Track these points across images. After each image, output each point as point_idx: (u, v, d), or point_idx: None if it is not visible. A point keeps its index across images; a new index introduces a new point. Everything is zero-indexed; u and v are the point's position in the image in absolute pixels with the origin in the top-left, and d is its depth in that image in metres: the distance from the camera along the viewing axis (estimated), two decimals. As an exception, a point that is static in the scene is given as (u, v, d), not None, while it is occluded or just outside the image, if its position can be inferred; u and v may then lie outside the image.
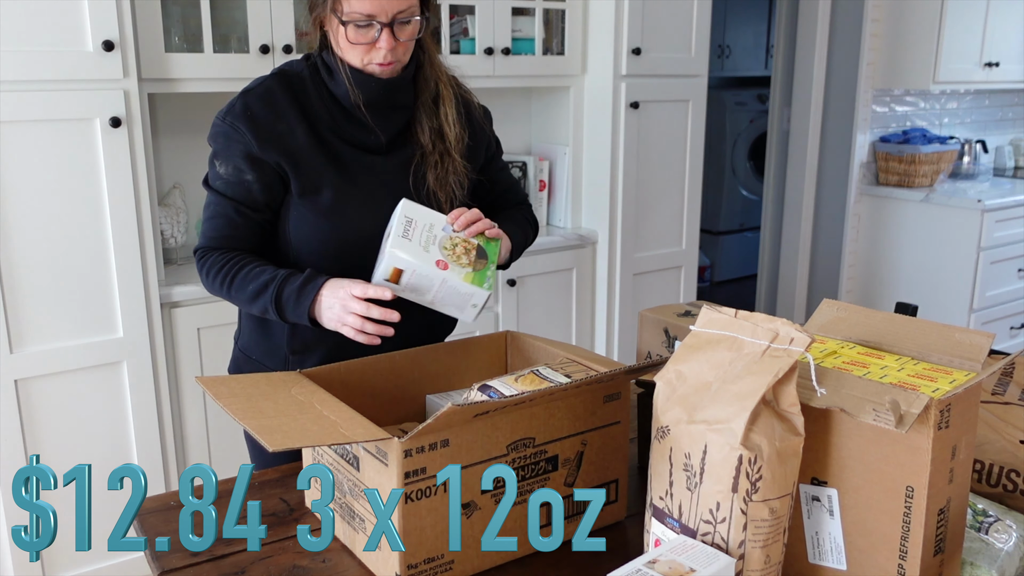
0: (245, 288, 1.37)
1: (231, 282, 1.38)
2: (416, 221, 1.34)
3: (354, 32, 1.34)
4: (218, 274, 1.40)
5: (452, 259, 1.33)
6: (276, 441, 0.94)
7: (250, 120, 1.38)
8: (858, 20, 3.94)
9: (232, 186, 1.40)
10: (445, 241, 1.34)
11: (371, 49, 1.36)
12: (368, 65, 1.38)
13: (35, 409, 2.13)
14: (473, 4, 2.72)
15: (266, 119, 1.39)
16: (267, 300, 1.34)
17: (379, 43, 1.35)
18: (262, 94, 1.41)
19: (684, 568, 0.84)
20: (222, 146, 1.40)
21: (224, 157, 1.40)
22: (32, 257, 2.07)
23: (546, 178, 3.12)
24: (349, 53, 1.38)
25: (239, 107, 1.40)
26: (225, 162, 1.40)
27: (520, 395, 0.99)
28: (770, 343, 0.90)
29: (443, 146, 1.48)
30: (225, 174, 1.40)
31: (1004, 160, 4.62)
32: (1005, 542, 0.99)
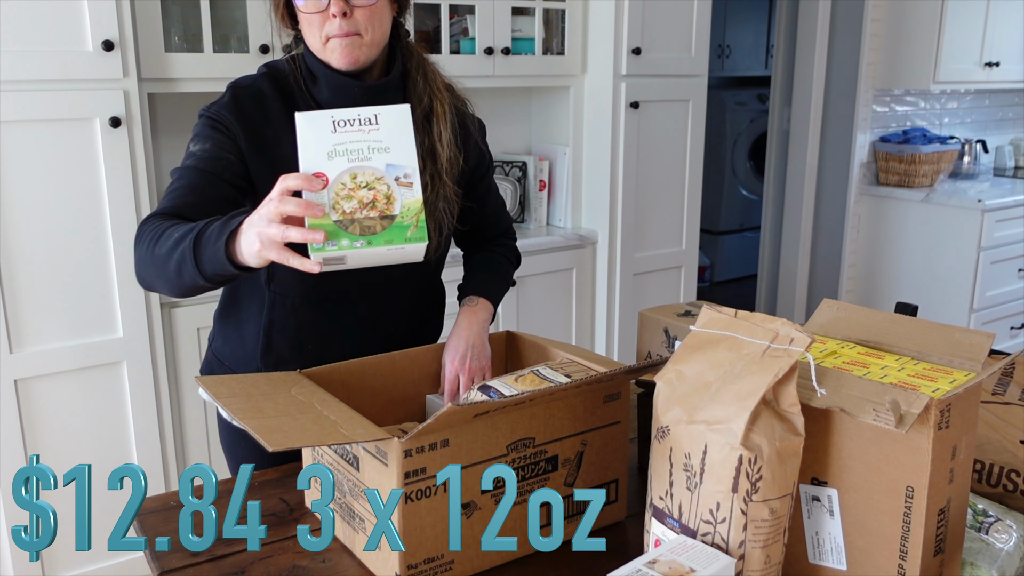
0: (168, 238, 1.13)
1: (157, 238, 1.15)
2: None
3: (303, 1, 1.25)
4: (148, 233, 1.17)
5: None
6: (276, 441, 0.94)
7: (239, 114, 1.30)
8: (858, 20, 3.94)
9: (207, 160, 1.27)
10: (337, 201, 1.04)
11: (326, 19, 1.26)
12: (328, 44, 1.27)
13: (35, 409, 2.13)
14: (473, 4, 2.72)
15: (255, 119, 1.31)
16: (187, 243, 1.09)
17: (330, 8, 1.24)
18: (253, 93, 1.32)
19: (684, 568, 0.84)
20: (203, 128, 1.30)
21: (203, 137, 1.28)
22: (32, 257, 2.07)
23: (546, 178, 3.12)
24: (309, 33, 1.28)
25: (227, 98, 1.31)
26: (203, 141, 1.28)
27: (520, 395, 0.98)
28: (770, 343, 0.90)
29: (434, 168, 1.36)
30: (200, 151, 1.28)
31: (1004, 160, 4.62)
32: (1005, 542, 0.99)
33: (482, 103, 3.15)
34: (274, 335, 1.41)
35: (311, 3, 1.25)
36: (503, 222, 1.62)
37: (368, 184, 1.03)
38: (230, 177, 1.28)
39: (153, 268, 1.15)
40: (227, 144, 1.29)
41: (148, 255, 1.15)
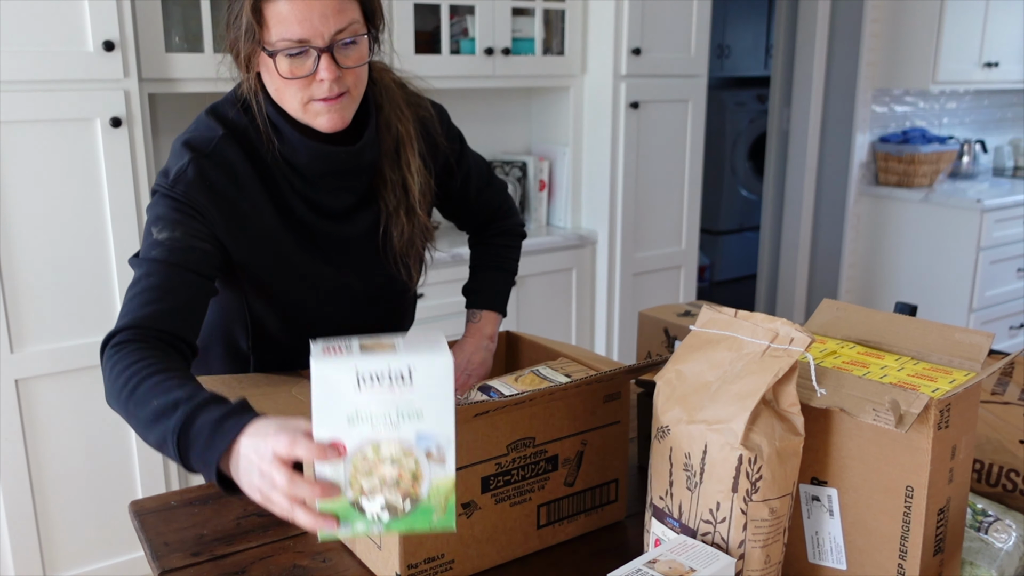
0: (147, 403, 0.96)
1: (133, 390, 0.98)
2: None
3: (287, 63, 1.09)
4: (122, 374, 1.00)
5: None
6: None
7: (210, 193, 1.13)
8: (858, 20, 3.94)
9: (178, 252, 1.09)
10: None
11: (311, 82, 1.10)
12: (310, 104, 1.12)
13: (35, 409, 2.13)
14: (473, 4, 2.72)
15: (228, 195, 1.15)
16: (170, 428, 0.93)
17: (319, 74, 1.09)
18: (219, 162, 1.15)
19: (684, 568, 0.85)
20: (168, 211, 1.12)
21: (170, 222, 1.11)
22: (32, 257, 2.07)
23: (546, 178, 3.12)
24: (286, 93, 1.12)
25: (192, 175, 1.13)
26: (171, 227, 1.11)
27: (520, 395, 0.99)
28: (770, 343, 0.90)
29: (407, 202, 1.27)
30: (169, 239, 1.09)
31: (1003, 160, 4.62)
32: (1005, 542, 0.99)
33: (482, 103, 3.17)
34: None
35: (295, 65, 1.09)
36: (493, 201, 1.50)
37: (393, 458, 0.84)
38: (207, 270, 1.13)
39: (128, 420, 1.00)
40: (199, 230, 1.13)
41: (121, 405, 1.00)
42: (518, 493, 1.07)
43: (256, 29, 1.08)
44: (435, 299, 2.64)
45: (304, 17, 1.06)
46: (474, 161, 1.45)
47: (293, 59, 1.09)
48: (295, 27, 1.06)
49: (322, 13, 1.07)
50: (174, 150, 1.16)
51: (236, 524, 1.16)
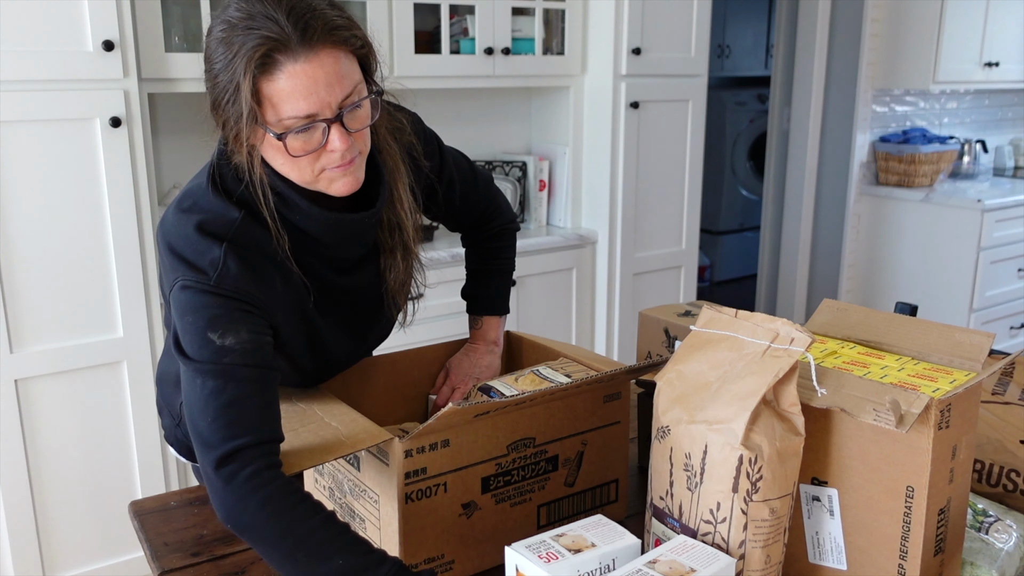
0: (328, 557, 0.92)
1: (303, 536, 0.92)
2: None
3: (296, 142, 1.00)
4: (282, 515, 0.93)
5: None
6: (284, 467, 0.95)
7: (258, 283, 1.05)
8: (858, 20, 3.94)
9: (252, 354, 1.00)
10: None
11: (321, 154, 1.02)
12: (322, 175, 1.04)
13: (35, 409, 2.13)
14: (473, 4, 2.72)
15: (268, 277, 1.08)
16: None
17: (330, 145, 1.00)
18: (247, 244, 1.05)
19: (684, 568, 0.84)
20: (224, 314, 1.01)
21: (230, 325, 1.01)
22: (32, 257, 2.07)
23: (546, 178, 3.12)
24: (296, 169, 1.03)
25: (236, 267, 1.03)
26: (236, 329, 1.01)
27: (520, 395, 0.99)
28: (770, 343, 0.90)
29: (403, 242, 1.21)
30: (238, 343, 1.00)
31: (1004, 160, 4.62)
32: (1005, 542, 0.99)
33: (482, 103, 3.17)
34: None
35: (304, 141, 1.00)
36: (480, 202, 1.43)
37: None
38: (276, 362, 1.06)
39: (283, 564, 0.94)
40: (260, 324, 1.04)
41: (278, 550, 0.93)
42: (518, 493, 1.07)
43: (257, 111, 0.98)
44: (435, 299, 2.64)
45: (310, 91, 0.97)
46: (455, 165, 1.36)
47: (301, 135, 1.00)
48: (301, 103, 0.97)
49: (327, 83, 0.98)
50: (188, 235, 1.03)
51: (236, 524, 1.16)
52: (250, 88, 0.96)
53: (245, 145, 1.02)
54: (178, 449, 1.38)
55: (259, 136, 1.02)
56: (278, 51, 0.95)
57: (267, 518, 0.93)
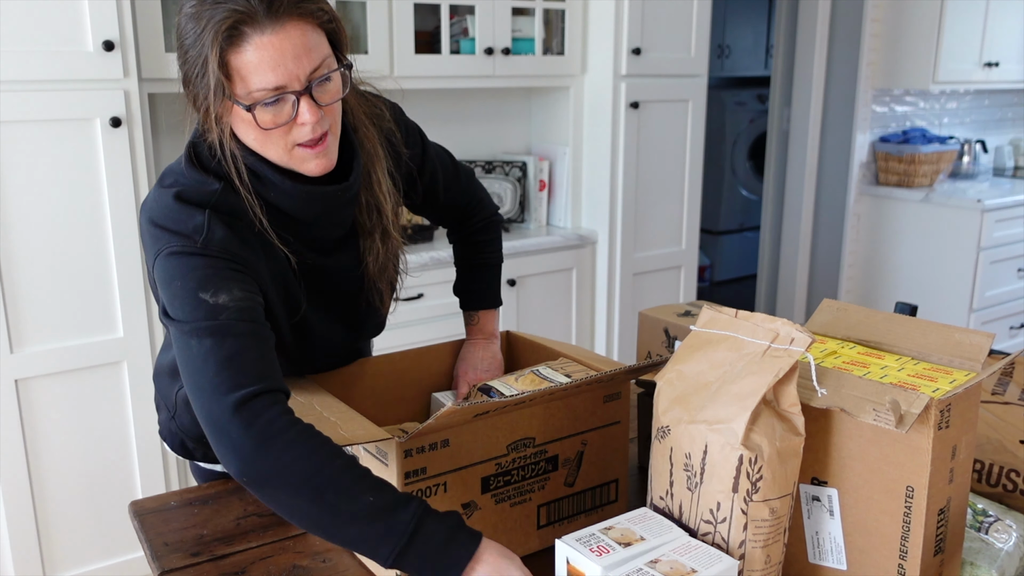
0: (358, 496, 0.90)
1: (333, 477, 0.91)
2: None
3: (266, 115, 1.00)
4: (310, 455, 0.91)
5: None
6: None
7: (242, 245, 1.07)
8: (858, 20, 3.94)
9: (247, 310, 1.01)
10: None
11: (291, 127, 1.03)
12: (295, 151, 1.05)
13: (35, 409, 2.13)
14: (473, 4, 2.72)
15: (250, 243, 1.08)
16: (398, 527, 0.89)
17: (300, 117, 1.01)
18: (230, 211, 1.07)
19: (686, 568, 0.84)
20: (214, 275, 1.01)
21: (222, 285, 1.01)
22: (32, 257, 2.07)
23: (546, 178, 3.12)
24: (268, 143, 1.04)
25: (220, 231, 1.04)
26: (228, 288, 1.01)
27: (520, 395, 0.99)
28: (770, 343, 0.90)
29: (382, 224, 1.21)
30: (232, 300, 1.00)
31: (1004, 160, 4.62)
32: (1005, 542, 0.99)
33: (482, 103, 3.17)
34: None
35: (274, 114, 1.01)
36: (462, 197, 1.42)
37: None
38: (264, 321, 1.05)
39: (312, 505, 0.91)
40: (251, 283, 1.05)
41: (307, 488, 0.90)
42: (518, 493, 1.07)
43: (225, 84, 0.99)
44: (435, 299, 2.64)
45: (277, 62, 0.98)
46: (436, 157, 1.36)
47: (270, 108, 1.00)
48: (269, 75, 0.98)
49: (294, 55, 0.98)
50: (170, 206, 1.04)
51: (236, 524, 1.16)
52: (217, 60, 0.97)
53: (215, 121, 1.03)
54: (171, 443, 1.37)
55: (229, 110, 1.02)
56: (245, 23, 0.96)
57: (292, 461, 0.90)
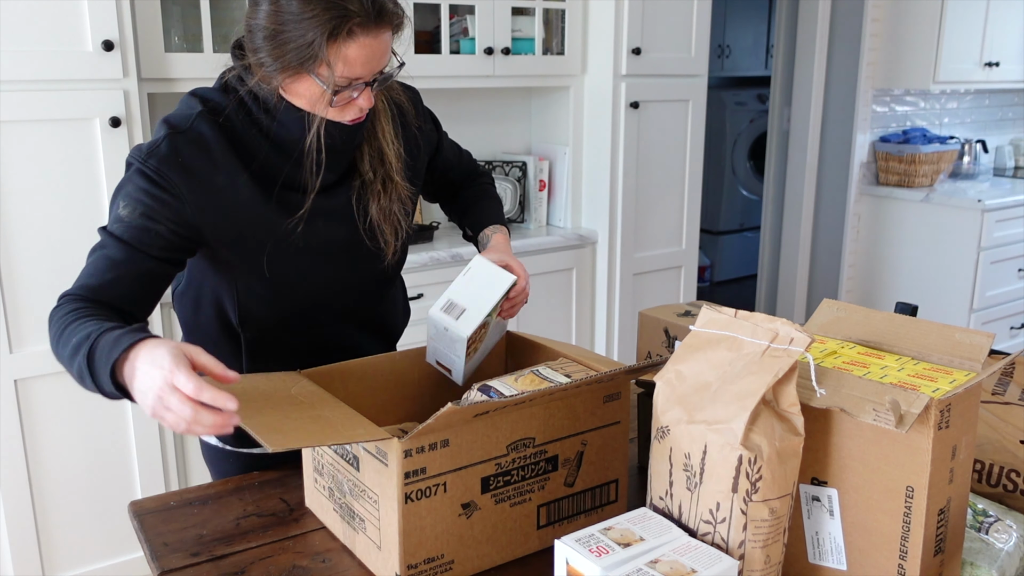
0: (68, 341, 1.04)
1: (61, 333, 1.06)
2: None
3: (340, 96, 1.15)
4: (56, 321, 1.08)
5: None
6: (276, 442, 0.94)
7: (183, 171, 1.16)
8: (858, 20, 3.94)
9: (134, 230, 1.14)
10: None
11: (346, 106, 1.18)
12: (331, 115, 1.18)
13: (35, 409, 2.13)
14: (473, 4, 2.72)
15: (202, 170, 1.17)
16: (82, 355, 1.00)
17: (359, 100, 1.17)
18: (194, 138, 1.17)
19: (686, 569, 0.84)
20: (135, 188, 1.15)
21: (134, 200, 1.14)
22: (32, 257, 2.07)
23: (546, 178, 3.12)
24: (315, 106, 1.17)
25: (166, 150, 1.15)
26: (133, 205, 1.14)
27: (520, 395, 0.98)
28: (770, 343, 0.90)
29: (384, 170, 1.31)
30: (129, 217, 1.14)
31: (1004, 160, 4.62)
32: (1005, 542, 0.99)
33: (482, 103, 3.17)
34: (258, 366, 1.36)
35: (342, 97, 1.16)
36: (474, 169, 1.61)
37: None
38: (157, 252, 1.15)
39: (62, 363, 1.07)
40: (159, 211, 1.15)
41: (55, 348, 1.07)
42: (518, 493, 1.07)
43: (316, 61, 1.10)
44: (435, 299, 2.64)
45: (369, 60, 1.13)
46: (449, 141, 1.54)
47: (342, 92, 1.14)
48: (359, 69, 1.12)
49: (380, 57, 1.14)
50: (155, 128, 1.20)
51: (235, 524, 1.16)
52: (327, 40, 1.09)
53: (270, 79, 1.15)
54: None
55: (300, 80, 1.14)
56: (359, 25, 1.09)
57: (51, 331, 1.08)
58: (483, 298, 1.24)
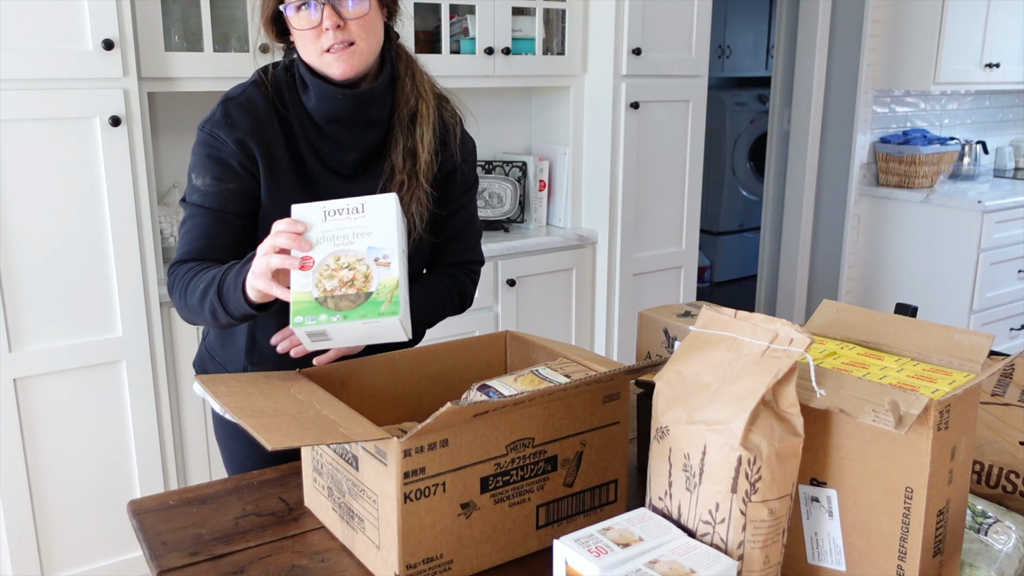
0: (196, 289, 1.24)
1: (185, 289, 1.27)
2: None
3: (296, 16, 1.27)
4: (178, 284, 1.28)
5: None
6: (275, 440, 0.94)
7: (231, 127, 1.32)
8: (858, 20, 3.94)
9: (211, 196, 1.32)
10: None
11: (320, 33, 1.27)
12: (325, 57, 1.28)
13: (34, 408, 2.13)
14: (473, 4, 2.72)
15: (247, 127, 1.32)
16: (212, 292, 1.21)
17: (323, 23, 1.25)
18: (243, 103, 1.33)
19: (685, 569, 0.84)
20: (200, 157, 1.33)
21: (202, 168, 1.32)
22: (32, 256, 2.07)
23: (546, 178, 3.12)
24: (304, 48, 1.30)
25: (219, 115, 1.33)
26: (203, 173, 1.32)
27: (519, 395, 0.98)
28: (770, 344, 0.90)
29: (412, 168, 1.38)
30: (203, 185, 1.32)
31: (1004, 161, 4.62)
32: (1004, 543, 0.98)
33: (482, 103, 3.17)
34: (258, 334, 1.44)
35: (303, 19, 1.27)
36: (469, 248, 1.55)
37: (349, 265, 1.13)
38: (236, 208, 1.32)
39: (193, 316, 1.28)
40: (225, 172, 1.31)
41: (183, 306, 1.27)
42: (517, 493, 1.07)
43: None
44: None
45: None
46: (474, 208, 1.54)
47: (300, 12, 1.26)
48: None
49: None
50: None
51: (234, 524, 1.16)
52: None
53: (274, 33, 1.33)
54: (197, 365, 1.56)
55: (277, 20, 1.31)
56: None
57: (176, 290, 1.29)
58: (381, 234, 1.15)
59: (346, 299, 1.11)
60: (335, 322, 1.10)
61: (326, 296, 1.11)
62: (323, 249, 1.13)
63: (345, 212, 1.15)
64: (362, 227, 1.14)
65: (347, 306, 1.10)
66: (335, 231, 1.14)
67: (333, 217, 1.15)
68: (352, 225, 1.14)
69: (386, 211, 1.16)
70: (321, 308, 1.10)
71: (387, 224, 1.14)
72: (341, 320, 1.10)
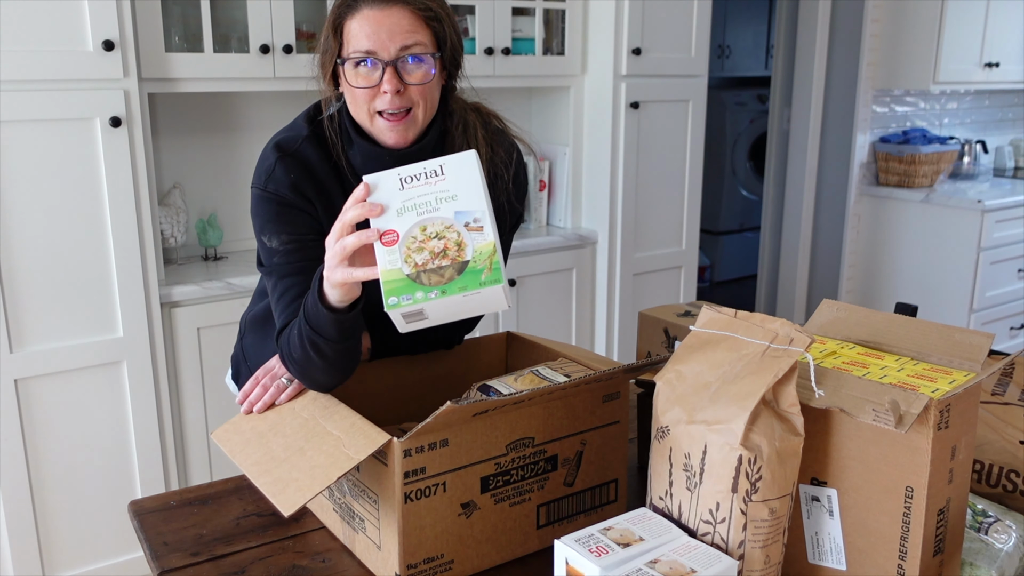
0: (293, 339, 1.15)
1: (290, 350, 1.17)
2: None
3: (354, 72, 1.19)
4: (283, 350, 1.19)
5: None
6: (289, 503, 0.97)
7: (295, 189, 1.24)
8: (858, 20, 3.94)
9: (292, 253, 1.24)
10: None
11: (376, 94, 1.20)
12: (377, 122, 1.22)
13: (35, 409, 2.13)
14: (473, 4, 2.72)
15: (308, 191, 1.25)
16: (303, 325, 1.12)
17: (383, 85, 1.18)
18: (300, 160, 1.26)
19: (685, 569, 0.84)
20: (267, 218, 1.24)
21: (273, 228, 1.24)
22: (32, 257, 2.07)
23: (546, 178, 3.12)
24: (356, 106, 1.23)
25: (280, 172, 1.24)
26: (276, 232, 1.24)
27: (519, 394, 0.98)
28: (770, 343, 0.90)
29: None
30: (280, 245, 1.24)
31: (1004, 160, 4.62)
32: (1005, 542, 0.99)
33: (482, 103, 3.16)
34: None
35: (360, 76, 1.19)
36: None
37: (438, 234, 1.00)
38: (318, 257, 1.20)
39: (311, 369, 1.15)
40: (295, 225, 1.24)
41: (295, 366, 1.17)
42: (517, 493, 1.07)
43: (333, 44, 1.21)
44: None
45: (372, 32, 1.17)
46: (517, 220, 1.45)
47: (359, 68, 1.19)
48: (363, 40, 1.18)
49: (390, 31, 1.18)
50: (266, 151, 1.28)
51: (235, 524, 1.16)
52: (332, 24, 1.21)
53: (331, 81, 1.25)
54: (233, 369, 1.56)
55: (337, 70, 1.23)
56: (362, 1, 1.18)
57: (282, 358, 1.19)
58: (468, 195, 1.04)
59: (441, 272, 0.99)
60: (433, 299, 0.98)
61: (418, 271, 0.99)
62: (406, 220, 1.01)
63: (423, 176, 1.03)
64: (445, 190, 1.02)
65: (443, 280, 0.99)
66: (416, 198, 1.02)
67: (411, 184, 1.03)
68: (433, 190, 1.02)
69: (469, 170, 1.03)
70: (416, 285, 0.98)
71: (472, 184, 1.02)
72: (440, 296, 0.98)
